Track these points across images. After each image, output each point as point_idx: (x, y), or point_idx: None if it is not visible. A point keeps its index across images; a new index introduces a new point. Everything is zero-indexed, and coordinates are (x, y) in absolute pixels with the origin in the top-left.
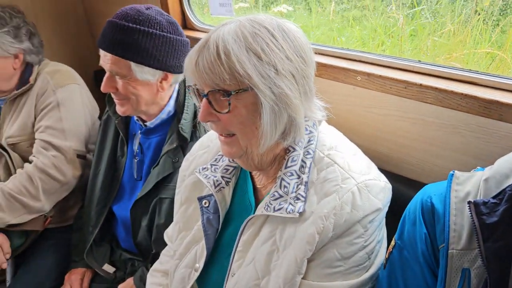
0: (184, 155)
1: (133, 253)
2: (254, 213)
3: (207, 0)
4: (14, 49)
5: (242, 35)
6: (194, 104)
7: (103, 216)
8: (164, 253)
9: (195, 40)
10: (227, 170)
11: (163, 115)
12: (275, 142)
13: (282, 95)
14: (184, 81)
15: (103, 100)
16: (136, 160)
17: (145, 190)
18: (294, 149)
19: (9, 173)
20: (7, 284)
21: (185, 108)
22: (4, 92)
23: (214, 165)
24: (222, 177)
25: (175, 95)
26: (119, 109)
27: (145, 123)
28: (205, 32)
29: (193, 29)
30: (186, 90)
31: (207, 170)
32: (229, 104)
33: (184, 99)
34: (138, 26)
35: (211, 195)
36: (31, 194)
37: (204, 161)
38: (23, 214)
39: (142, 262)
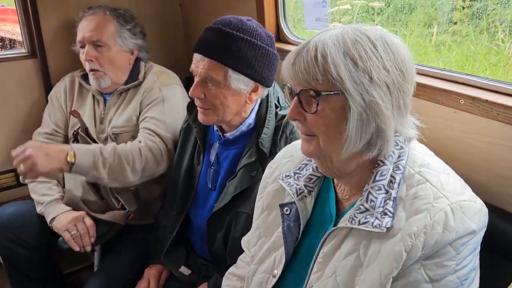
0: (263, 170)
1: (208, 260)
2: (334, 224)
3: (302, 15)
4: (132, 45)
5: (342, 40)
6: (275, 119)
7: (179, 222)
8: (241, 258)
9: (286, 54)
10: (311, 179)
11: (243, 128)
12: (358, 151)
13: (373, 103)
14: (267, 96)
15: None
16: (211, 170)
17: (222, 203)
18: (384, 163)
19: None
20: (95, 269)
21: (266, 123)
22: (115, 85)
23: (298, 173)
24: (305, 185)
25: (256, 108)
26: (202, 118)
27: (224, 134)
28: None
29: (286, 42)
30: (269, 103)
31: (290, 178)
32: (317, 104)
33: (266, 113)
34: (241, 35)
35: (293, 202)
36: (134, 166)
37: (287, 169)
38: (116, 180)
39: (217, 269)
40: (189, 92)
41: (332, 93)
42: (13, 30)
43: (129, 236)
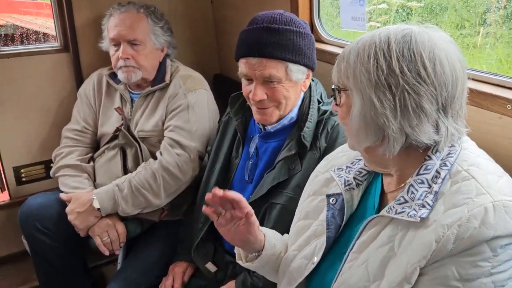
0: (301, 164)
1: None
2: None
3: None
4: (163, 42)
5: (362, 41)
6: (317, 114)
7: None
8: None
9: (321, 52)
10: (360, 172)
11: (285, 121)
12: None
13: (370, 102)
14: (310, 88)
15: (220, 104)
16: (250, 163)
17: (258, 194)
18: (430, 158)
19: (137, 163)
20: (118, 266)
21: (309, 117)
22: (144, 81)
23: (349, 167)
24: (354, 178)
25: (299, 103)
26: (264, 118)
27: (265, 127)
28: (332, 45)
29: (320, 41)
30: (312, 98)
31: (342, 170)
32: (338, 98)
33: (309, 107)
34: (290, 27)
35: (339, 193)
36: (153, 190)
37: (341, 163)
38: (142, 208)
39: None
40: (252, 97)
41: (344, 89)
42: (45, 23)
43: (157, 231)
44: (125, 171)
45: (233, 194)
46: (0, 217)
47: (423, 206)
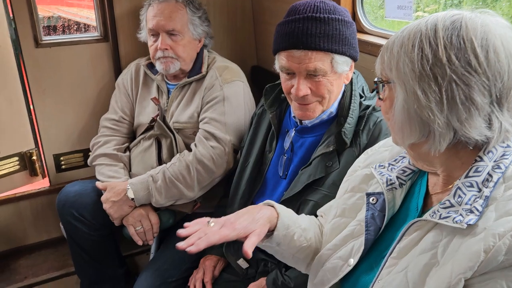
0: (339, 161)
1: (268, 254)
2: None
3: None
4: (201, 33)
5: (407, 30)
6: (359, 109)
7: None
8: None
9: (363, 43)
10: (404, 172)
11: (324, 116)
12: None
13: (414, 94)
14: (351, 82)
15: (257, 96)
16: (284, 158)
17: (292, 191)
18: (482, 159)
19: (171, 154)
20: (151, 256)
21: (350, 112)
22: (182, 72)
23: (392, 165)
24: (397, 177)
25: (340, 96)
26: (306, 114)
27: (301, 121)
28: (375, 35)
29: (362, 31)
30: (353, 92)
31: (384, 168)
32: (382, 92)
33: (350, 101)
34: (334, 16)
35: (381, 193)
36: (187, 182)
37: (382, 158)
38: (175, 199)
39: (276, 265)
40: (295, 92)
41: (387, 82)
42: (82, 13)
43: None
44: (160, 161)
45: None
46: (41, 202)
47: (471, 212)
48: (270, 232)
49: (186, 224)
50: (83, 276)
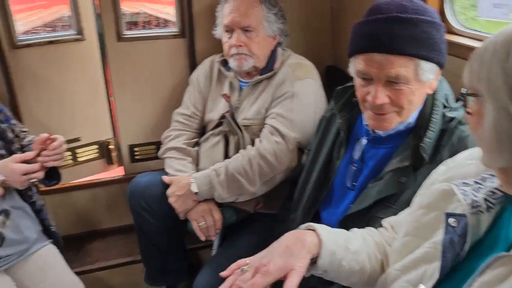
0: (416, 178)
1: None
2: (506, 251)
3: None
4: (276, 30)
5: (503, 34)
6: (442, 121)
7: (310, 217)
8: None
9: (451, 45)
10: (494, 193)
11: (401, 127)
12: None
13: (506, 113)
14: (433, 93)
15: (330, 97)
16: (353, 167)
17: (360, 205)
18: None
19: (238, 151)
20: (213, 252)
21: (431, 124)
22: (255, 70)
23: (479, 183)
24: (485, 199)
25: (421, 107)
26: (381, 125)
27: (374, 130)
28: (466, 37)
29: (451, 32)
30: (434, 101)
31: (468, 186)
32: (468, 105)
33: (431, 112)
34: (424, 17)
35: (463, 215)
36: (249, 177)
37: (466, 172)
38: (237, 195)
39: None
40: (371, 100)
41: (476, 95)
42: (167, 10)
43: (253, 223)
44: (226, 158)
45: None
46: (115, 190)
47: None
48: (314, 259)
49: (222, 274)
50: (148, 265)
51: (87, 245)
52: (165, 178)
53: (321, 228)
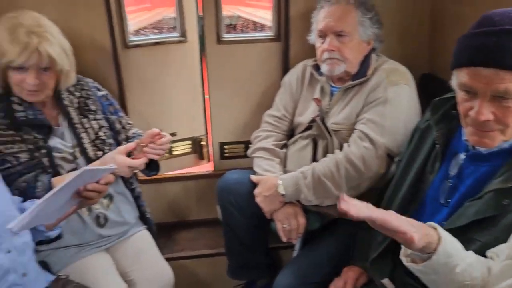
0: None
1: (419, 280)
2: None
3: None
4: (370, 35)
5: None
6: None
7: None
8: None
9: None
10: None
11: (505, 145)
12: None
13: None
14: None
15: (425, 107)
16: (448, 183)
17: (454, 223)
18: None
19: (326, 155)
20: (294, 253)
21: None
22: (346, 75)
23: None
24: None
25: None
26: (483, 142)
27: (474, 146)
28: None
29: None
30: None
31: None
32: None
33: None
34: None
35: None
36: (335, 180)
37: None
38: (322, 198)
39: None
40: (475, 116)
41: None
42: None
43: (336, 228)
44: (314, 162)
45: None
46: (204, 184)
47: None
48: (428, 255)
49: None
50: (232, 259)
51: (176, 233)
52: (253, 178)
53: (442, 229)
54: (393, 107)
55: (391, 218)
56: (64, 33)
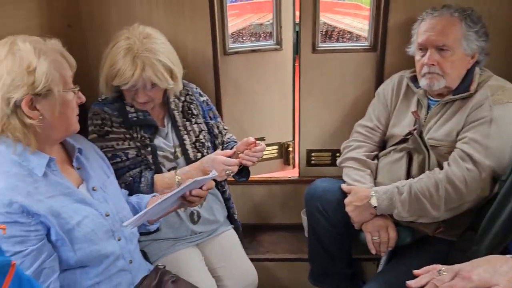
0: None
1: None
2: None
3: None
4: (475, 48)
5: None
6: None
7: (496, 252)
8: None
9: None
10: None
11: None
12: None
13: None
14: None
15: None
16: None
17: None
18: None
19: (421, 170)
20: (380, 267)
21: None
22: (447, 90)
23: None
24: None
25: None
26: None
27: None
28: None
29: None
30: None
31: None
32: None
33: None
34: None
35: None
36: (433, 201)
37: None
38: (417, 216)
39: None
40: None
41: None
42: (352, 23)
43: (427, 245)
44: (408, 176)
45: None
46: (289, 190)
47: None
48: None
49: (416, 272)
50: (315, 265)
51: (260, 235)
52: (344, 187)
53: None
54: (499, 127)
55: (462, 285)
56: (170, 41)
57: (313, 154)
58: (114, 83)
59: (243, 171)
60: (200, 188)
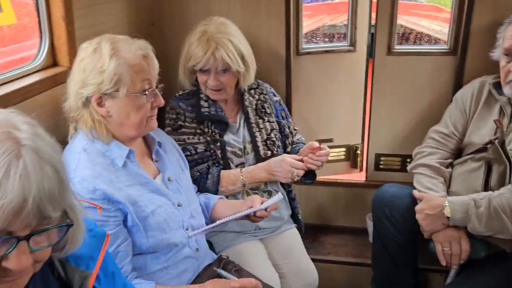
0: None
1: None
2: None
3: None
4: None
5: None
6: None
7: None
8: None
9: None
10: None
11: None
12: None
13: None
14: None
15: None
16: None
17: None
18: None
19: (502, 182)
20: (448, 280)
21: None
22: None
23: None
24: None
25: None
26: None
27: None
28: None
29: None
30: None
31: None
32: None
33: None
34: None
35: None
36: None
37: None
38: (495, 232)
39: None
40: None
41: None
42: (429, 25)
43: (502, 261)
44: (486, 187)
45: None
46: (354, 193)
47: None
48: None
49: None
50: (377, 271)
51: (322, 236)
52: (416, 194)
53: None
54: None
55: None
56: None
57: (382, 158)
58: (189, 64)
59: (309, 174)
60: (265, 210)
